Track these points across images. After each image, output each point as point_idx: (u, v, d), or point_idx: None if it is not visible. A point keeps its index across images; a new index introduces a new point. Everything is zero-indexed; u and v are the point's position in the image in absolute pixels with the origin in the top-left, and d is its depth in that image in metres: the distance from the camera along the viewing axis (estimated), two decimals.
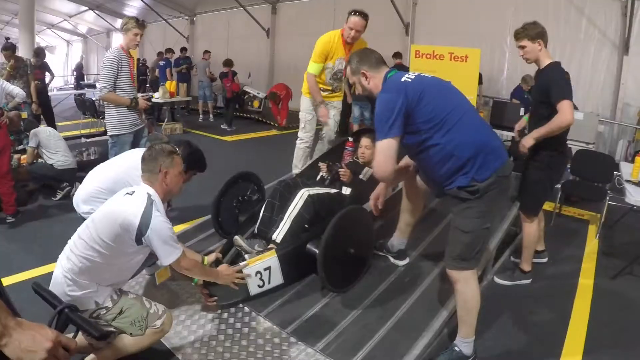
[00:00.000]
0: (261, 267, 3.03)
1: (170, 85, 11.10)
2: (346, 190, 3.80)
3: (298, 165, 5.16)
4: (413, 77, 2.56)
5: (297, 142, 5.17)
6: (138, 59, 14.78)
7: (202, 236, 3.99)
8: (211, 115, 12.71)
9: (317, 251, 2.96)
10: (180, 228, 4.31)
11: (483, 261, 3.55)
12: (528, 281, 3.95)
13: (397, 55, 9.83)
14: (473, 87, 6.18)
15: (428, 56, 6.40)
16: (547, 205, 5.61)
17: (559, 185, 5.46)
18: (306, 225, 3.35)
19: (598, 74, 8.86)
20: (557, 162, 3.67)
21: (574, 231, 5.36)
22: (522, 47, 3.55)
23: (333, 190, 3.60)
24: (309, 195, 3.32)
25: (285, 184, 3.58)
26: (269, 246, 3.28)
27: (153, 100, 10.57)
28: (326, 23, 12.74)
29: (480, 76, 9.12)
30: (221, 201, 3.84)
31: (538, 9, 9.23)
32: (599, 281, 4.10)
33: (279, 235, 3.28)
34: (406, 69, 7.15)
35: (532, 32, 3.49)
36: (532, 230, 3.83)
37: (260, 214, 3.53)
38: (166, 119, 11.12)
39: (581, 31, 9.16)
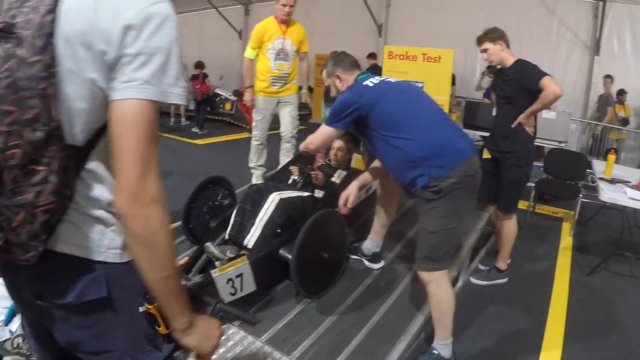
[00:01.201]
0: (233, 274, 2.92)
1: None
2: (319, 193, 3.72)
3: (253, 159, 5.37)
4: (376, 81, 2.68)
5: (252, 139, 5.35)
6: None
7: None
8: (183, 119, 12.43)
9: (290, 257, 2.87)
10: None
11: (457, 262, 3.52)
12: (504, 280, 3.94)
13: (371, 56, 9.82)
14: (446, 88, 6.20)
15: (401, 57, 6.38)
16: (521, 204, 5.63)
17: (532, 184, 5.50)
18: (279, 230, 3.26)
19: (569, 74, 9.01)
20: (533, 159, 3.73)
21: (548, 229, 5.39)
22: (485, 50, 3.62)
23: (305, 194, 3.51)
24: (281, 199, 3.23)
25: (257, 188, 3.49)
26: (241, 252, 3.18)
27: None
28: (300, 23, 12.70)
29: (454, 77, 9.13)
30: (191, 207, 3.72)
31: (510, 11, 9.35)
32: (574, 278, 4.13)
33: (250, 240, 3.18)
34: (379, 70, 7.14)
35: (492, 35, 3.58)
36: (511, 227, 3.83)
37: (232, 220, 3.42)
38: None
39: (553, 32, 9.30)
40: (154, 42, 0.96)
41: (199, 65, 11.46)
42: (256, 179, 5.33)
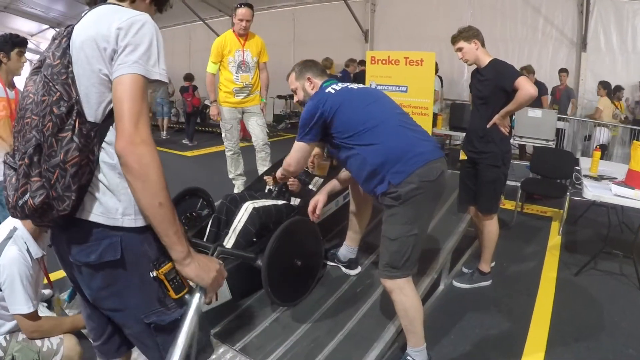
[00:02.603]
0: None
1: None
2: (295, 201, 3.67)
3: (231, 170, 5.57)
4: (338, 88, 2.65)
5: (225, 151, 5.52)
6: None
7: None
8: (164, 132, 12.31)
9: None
10: None
11: (437, 265, 3.46)
12: (488, 282, 3.87)
13: (351, 61, 9.92)
14: (429, 91, 6.13)
15: (384, 62, 6.32)
16: (509, 204, 5.61)
17: (518, 184, 5.44)
18: (254, 239, 3.20)
19: (557, 72, 8.93)
20: (509, 157, 3.66)
21: (536, 229, 5.31)
22: (460, 49, 3.59)
23: (280, 202, 3.46)
24: (254, 208, 3.18)
25: (232, 198, 3.44)
26: None
27: None
28: (287, 33, 12.80)
29: (441, 79, 9.14)
30: None
31: (495, 11, 9.35)
32: (561, 278, 4.06)
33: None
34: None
35: (467, 33, 3.55)
36: (493, 228, 3.76)
37: (207, 230, 3.37)
38: None
39: (539, 31, 9.28)
40: (137, 37, 1.32)
41: (189, 77, 11.47)
42: (237, 189, 5.36)
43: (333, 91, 2.60)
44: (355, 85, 2.77)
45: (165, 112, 12.20)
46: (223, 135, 5.44)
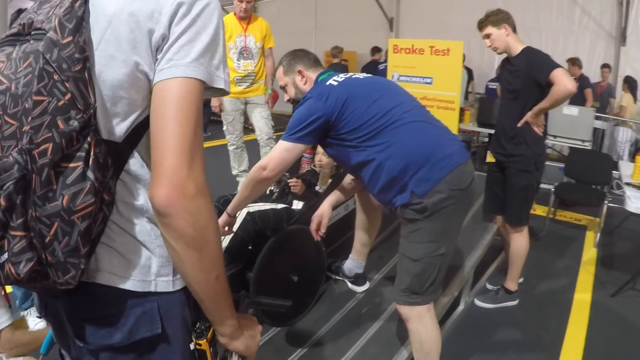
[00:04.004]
0: None
1: None
2: (298, 205, 3.28)
3: (234, 166, 5.18)
4: (341, 79, 2.17)
5: (227, 145, 5.13)
6: None
7: None
8: None
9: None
10: None
11: (458, 281, 3.06)
12: (514, 303, 3.43)
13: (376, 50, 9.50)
14: (456, 83, 5.64)
15: (407, 51, 5.85)
16: (540, 210, 5.14)
17: (551, 187, 4.98)
18: (250, 247, 2.83)
19: (594, 66, 8.37)
20: (543, 161, 3.23)
21: (569, 239, 4.83)
22: (488, 36, 3.14)
23: (280, 206, 3.07)
24: (248, 213, 2.80)
25: (225, 200, 3.05)
26: None
27: None
28: (308, 20, 12.47)
29: (471, 72, 8.69)
30: None
31: (529, 0, 8.77)
32: (596, 299, 3.59)
33: None
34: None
35: (495, 17, 3.10)
36: (522, 242, 3.32)
37: None
38: None
39: (575, 22, 8.70)
40: (201, 21, 0.89)
41: None
42: None
43: (335, 83, 2.14)
44: (360, 75, 2.30)
45: None
46: (224, 128, 5.04)
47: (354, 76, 2.23)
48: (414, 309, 2.10)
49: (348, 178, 2.67)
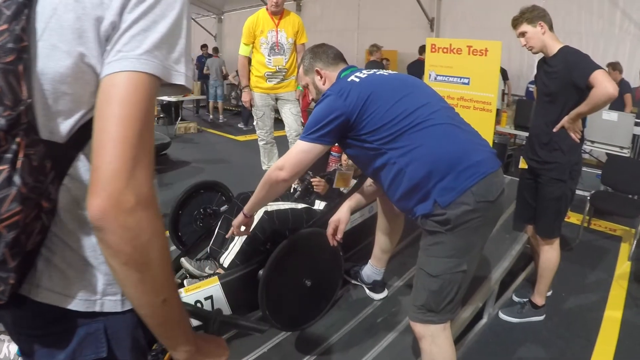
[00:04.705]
0: (201, 296, 2.48)
1: None
2: (320, 205, 3.20)
3: (264, 161, 5.14)
4: (363, 75, 2.04)
5: (258, 140, 5.10)
6: None
7: None
8: (220, 115, 12.35)
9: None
10: None
11: (483, 293, 2.93)
12: (540, 318, 3.27)
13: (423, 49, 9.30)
14: (493, 84, 5.45)
15: (445, 50, 5.71)
16: (575, 218, 4.93)
17: (587, 195, 4.76)
18: (267, 246, 2.77)
19: (635, 71, 8.00)
20: (579, 169, 3.04)
21: (603, 250, 4.60)
22: (523, 34, 2.98)
23: (300, 206, 2.99)
24: (265, 212, 2.73)
25: (245, 197, 2.98)
26: (217, 271, 2.73)
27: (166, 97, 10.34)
28: (351, 19, 12.49)
29: (505, 72, 8.46)
30: (180, 214, 3.31)
31: (570, 2, 8.46)
32: (627, 318, 3.39)
33: (227, 258, 2.73)
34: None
35: (530, 14, 2.93)
36: (552, 255, 3.15)
37: (215, 231, 2.99)
38: (180, 118, 10.78)
39: (616, 25, 8.32)
40: (160, 8, 0.79)
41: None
42: None
43: (357, 79, 2.01)
44: (385, 71, 2.15)
45: (219, 95, 12.03)
46: (255, 123, 5.04)
47: (378, 73, 2.09)
48: (428, 327, 1.97)
49: (369, 181, 2.54)
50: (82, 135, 0.81)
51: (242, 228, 2.41)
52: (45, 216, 0.80)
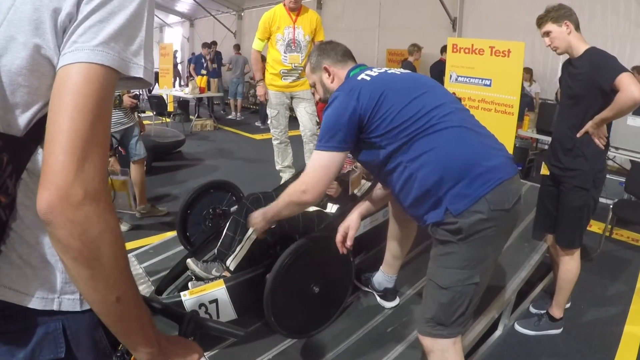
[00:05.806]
0: (206, 299, 2.41)
1: (201, 80, 10.86)
2: (332, 208, 3.11)
3: (278, 160, 5.03)
4: (374, 74, 1.96)
5: (272, 139, 5.02)
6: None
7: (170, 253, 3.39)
8: (238, 113, 12.40)
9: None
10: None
11: (500, 304, 2.81)
12: (558, 331, 3.15)
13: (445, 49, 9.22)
14: (516, 86, 5.33)
15: (466, 51, 5.61)
16: (596, 227, 4.79)
17: (609, 203, 4.60)
18: (277, 249, 2.70)
19: None
20: (602, 177, 2.92)
21: (625, 262, 4.44)
22: (547, 34, 2.86)
23: (312, 208, 2.91)
24: None
25: (254, 198, 2.92)
26: (223, 274, 2.67)
27: (183, 95, 10.38)
28: (372, 18, 12.49)
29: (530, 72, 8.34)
30: (188, 214, 3.25)
31: (595, 3, 8.26)
32: None
33: (233, 261, 2.65)
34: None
35: (556, 13, 2.81)
36: (572, 267, 3.04)
37: (223, 233, 2.92)
38: (196, 115, 10.79)
39: None
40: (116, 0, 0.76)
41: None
42: (284, 182, 4.85)
43: (368, 77, 1.93)
44: (397, 70, 2.06)
45: (238, 92, 12.03)
46: (269, 122, 4.96)
47: (389, 71, 2.01)
48: (437, 341, 1.87)
49: (379, 185, 2.45)
50: (41, 128, 0.78)
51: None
52: (3, 211, 0.79)
